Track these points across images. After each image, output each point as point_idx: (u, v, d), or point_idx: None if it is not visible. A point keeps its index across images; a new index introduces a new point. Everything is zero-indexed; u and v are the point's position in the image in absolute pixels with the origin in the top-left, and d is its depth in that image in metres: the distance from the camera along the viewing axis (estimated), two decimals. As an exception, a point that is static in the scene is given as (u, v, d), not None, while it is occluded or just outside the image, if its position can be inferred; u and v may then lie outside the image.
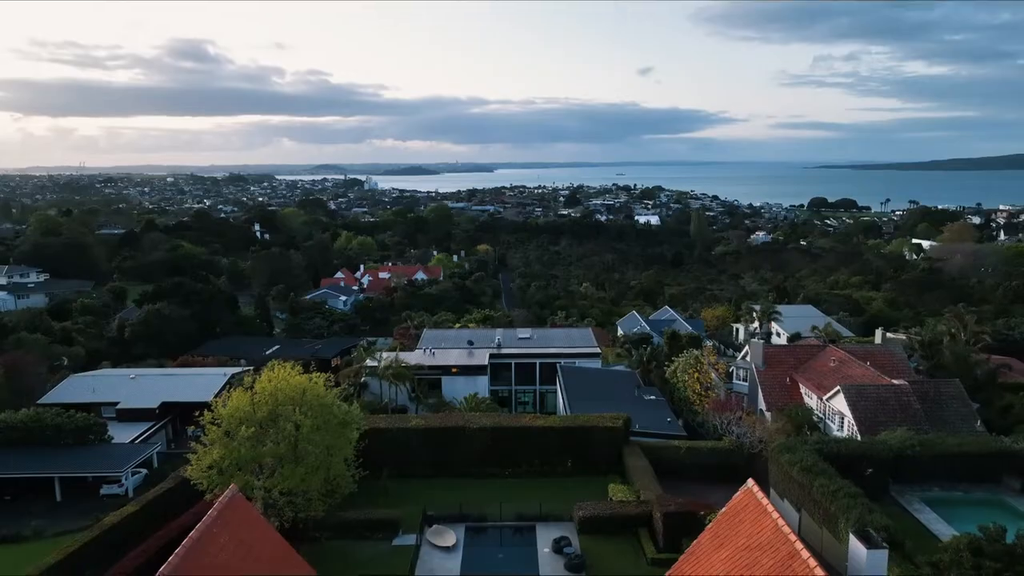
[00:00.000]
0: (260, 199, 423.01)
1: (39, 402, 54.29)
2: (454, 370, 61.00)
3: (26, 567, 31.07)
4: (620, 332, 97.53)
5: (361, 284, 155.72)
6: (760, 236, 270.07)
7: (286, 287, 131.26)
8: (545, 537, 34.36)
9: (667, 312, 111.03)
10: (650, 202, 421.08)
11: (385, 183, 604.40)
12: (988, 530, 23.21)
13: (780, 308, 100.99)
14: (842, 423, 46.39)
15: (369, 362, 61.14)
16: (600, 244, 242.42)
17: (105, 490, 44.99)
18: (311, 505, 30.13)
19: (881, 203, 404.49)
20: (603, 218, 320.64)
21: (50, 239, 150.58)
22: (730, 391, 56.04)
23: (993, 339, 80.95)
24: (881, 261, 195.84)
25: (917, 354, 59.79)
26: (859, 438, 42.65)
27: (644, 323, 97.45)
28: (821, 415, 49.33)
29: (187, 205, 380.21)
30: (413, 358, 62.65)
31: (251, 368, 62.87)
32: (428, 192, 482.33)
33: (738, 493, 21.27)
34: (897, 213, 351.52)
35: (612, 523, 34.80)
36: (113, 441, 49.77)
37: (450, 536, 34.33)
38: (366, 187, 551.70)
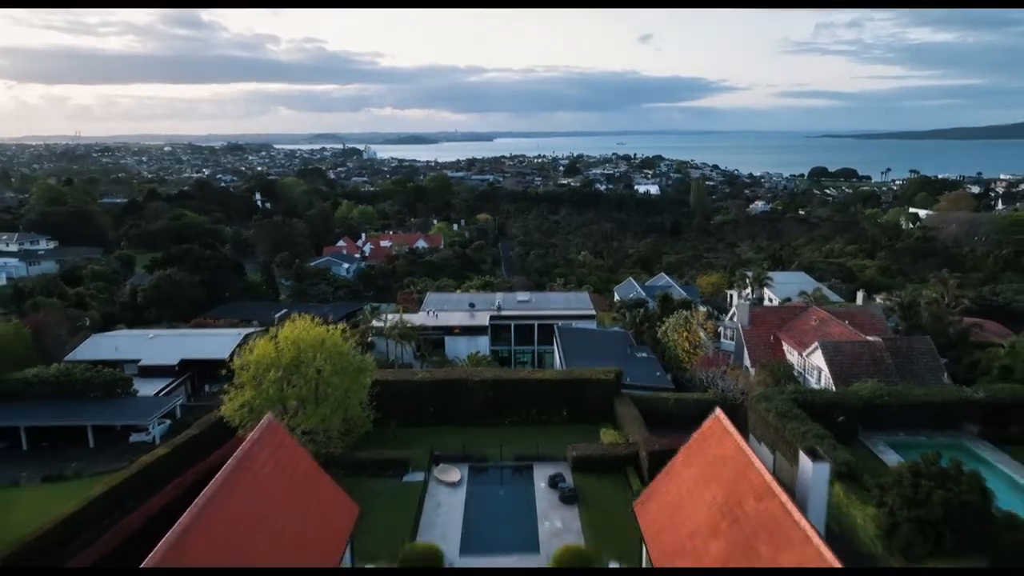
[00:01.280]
0: (259, 168, 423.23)
1: (65, 359, 57.55)
2: (456, 330, 64.19)
3: (69, 502, 34.44)
4: (617, 298, 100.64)
5: (363, 252, 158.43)
6: (759, 206, 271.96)
7: (290, 255, 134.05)
8: (541, 474, 37.77)
9: (663, 279, 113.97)
10: (650, 171, 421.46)
11: (384, 152, 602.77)
12: (926, 456, 26.49)
13: (773, 274, 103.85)
14: (819, 377, 49.68)
15: (375, 323, 64.22)
16: (599, 213, 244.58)
17: (134, 438, 48.42)
18: (331, 443, 33.39)
19: (882, 172, 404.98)
20: (602, 188, 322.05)
21: (56, 208, 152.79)
22: (717, 349, 59.27)
23: (976, 304, 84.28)
24: (877, 230, 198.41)
25: (896, 315, 62.89)
26: (834, 390, 45.96)
27: (640, 289, 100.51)
28: (801, 370, 52.62)
29: (186, 175, 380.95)
30: (417, 319, 65.78)
31: (264, 328, 66.12)
32: (427, 161, 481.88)
33: (707, 420, 24.48)
34: (897, 183, 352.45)
35: (603, 462, 38.19)
36: (138, 395, 53.13)
37: (455, 473, 37.75)
38: (364, 156, 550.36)
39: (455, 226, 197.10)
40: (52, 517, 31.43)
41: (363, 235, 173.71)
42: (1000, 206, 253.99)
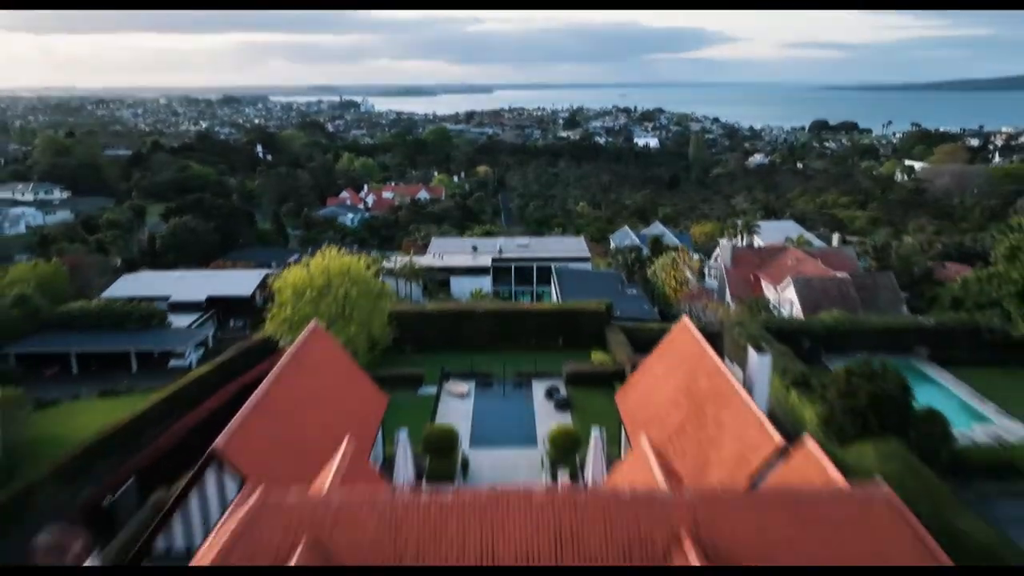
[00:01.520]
0: (256, 121, 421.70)
1: (100, 296, 62.62)
2: (461, 271, 69.19)
3: (124, 412, 39.74)
4: (613, 245, 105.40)
5: (365, 203, 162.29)
6: (758, 159, 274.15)
7: (296, 205, 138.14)
8: (539, 387, 43.22)
9: (657, 227, 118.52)
10: (650, 124, 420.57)
11: (381, 105, 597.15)
12: (859, 361, 31.79)
13: (763, 223, 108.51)
14: (791, 309, 54.87)
15: (385, 264, 69.10)
16: (598, 166, 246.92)
17: (173, 363, 53.80)
18: (357, 357, 38.52)
19: (883, 126, 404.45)
20: (602, 140, 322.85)
21: (64, 159, 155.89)
22: (702, 287, 64.36)
23: (956, 250, 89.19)
24: (870, 182, 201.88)
25: (869, 256, 67.87)
26: (802, 319, 51.20)
27: (635, 237, 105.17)
28: (776, 304, 57.78)
29: (184, 127, 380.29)
30: (423, 261, 70.69)
31: (281, 269, 71.10)
32: (425, 114, 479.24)
33: (676, 325, 29.54)
34: (898, 135, 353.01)
35: (593, 377, 43.56)
36: (172, 327, 58.37)
37: (464, 386, 43.18)
38: (362, 109, 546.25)
39: (455, 178, 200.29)
40: (123, 416, 36.88)
41: (365, 187, 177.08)
42: (998, 159, 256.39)
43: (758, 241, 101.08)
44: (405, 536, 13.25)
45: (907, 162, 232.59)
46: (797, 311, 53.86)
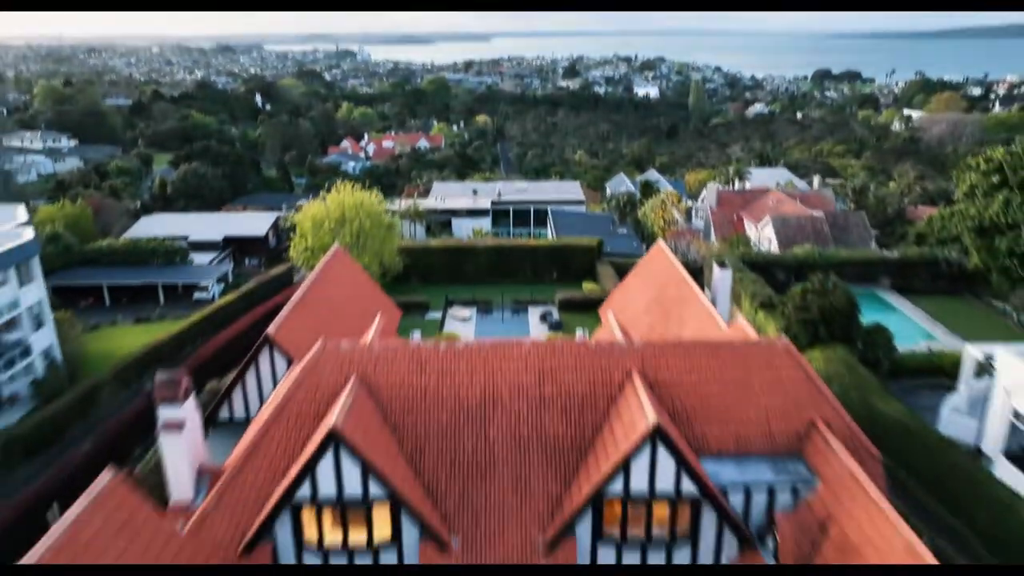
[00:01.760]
0: (252, 71, 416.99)
1: (124, 236, 66.69)
2: (461, 212, 73.10)
3: (160, 334, 44.25)
4: (608, 192, 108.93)
5: (366, 152, 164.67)
6: (758, 108, 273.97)
7: (298, 154, 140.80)
8: (535, 313, 47.80)
9: (652, 175, 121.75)
10: (650, 73, 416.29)
11: (378, 54, 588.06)
12: (812, 279, 36.27)
13: (755, 170, 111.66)
14: (769, 245, 59.11)
15: (389, 206, 72.94)
16: (597, 116, 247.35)
17: (197, 295, 58.24)
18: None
19: (887, 75, 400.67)
20: (601, 90, 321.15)
21: (67, 108, 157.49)
22: (689, 227, 68.44)
23: (938, 195, 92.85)
24: (866, 131, 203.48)
25: (849, 198, 71.75)
26: (777, 252, 55.50)
27: (630, 184, 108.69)
28: (756, 241, 62.01)
29: (179, 77, 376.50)
30: (426, 204, 74.50)
31: (292, 211, 75.08)
32: (423, 64, 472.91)
33: (652, 248, 33.81)
34: (900, 84, 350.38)
35: (584, 304, 48.01)
36: (193, 263, 62.67)
37: (466, 312, 47.76)
38: (359, 58, 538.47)
39: (454, 128, 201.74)
40: (164, 334, 41.52)
41: (365, 136, 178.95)
42: (998, 108, 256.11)
43: (748, 186, 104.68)
44: (427, 373, 17.87)
45: (905, 111, 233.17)
46: (774, 247, 58.13)
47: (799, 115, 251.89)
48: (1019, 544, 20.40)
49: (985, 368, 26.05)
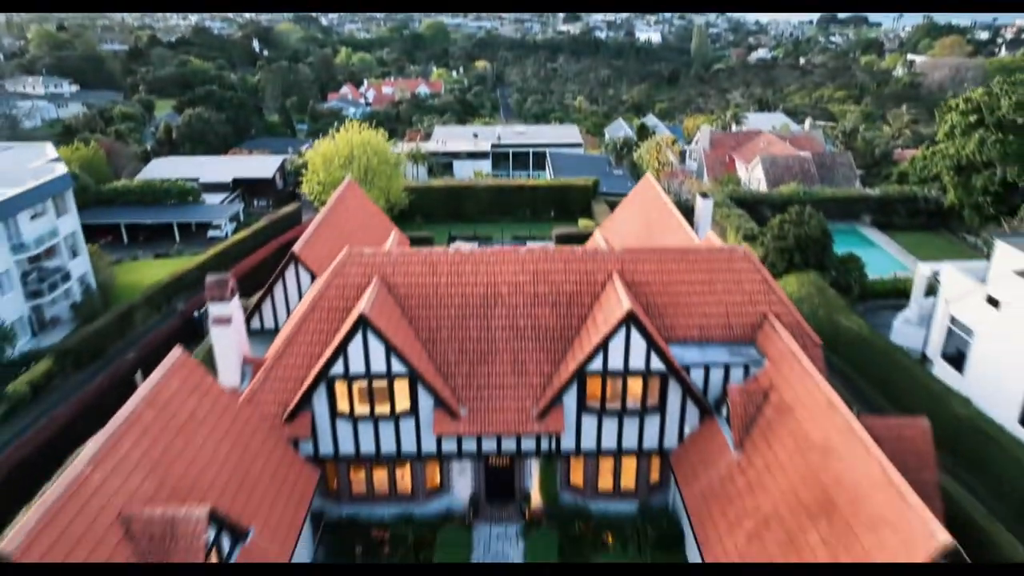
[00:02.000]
0: (246, 14, 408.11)
1: (136, 178, 68.90)
2: (462, 154, 75.20)
3: (179, 267, 47.13)
4: (607, 138, 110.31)
5: (366, 98, 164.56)
6: (760, 54, 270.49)
7: (299, 100, 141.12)
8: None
9: (651, 120, 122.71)
10: (653, 17, 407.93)
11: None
12: (790, 210, 38.94)
13: (752, 115, 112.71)
14: (759, 184, 61.55)
15: (392, 149, 74.93)
16: (598, 61, 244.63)
17: (211, 233, 60.96)
18: (378, 216, 45.72)
19: (894, 19, 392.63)
20: (603, 35, 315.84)
21: (66, 53, 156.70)
22: (683, 168, 70.67)
23: (932, 138, 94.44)
24: (867, 76, 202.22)
25: (839, 140, 73.71)
26: (765, 191, 58.02)
27: (628, 129, 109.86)
28: (747, 181, 64.38)
29: (173, 22, 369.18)
30: (428, 146, 76.46)
31: (298, 153, 77.05)
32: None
33: (641, 181, 36.45)
34: (907, 29, 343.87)
35: (580, 238, 50.42)
36: (206, 203, 65.17)
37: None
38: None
39: (454, 73, 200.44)
40: (186, 266, 44.50)
41: (365, 82, 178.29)
42: (1003, 52, 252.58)
43: (745, 129, 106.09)
44: (439, 274, 20.91)
45: (909, 56, 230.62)
46: (763, 186, 60.59)
47: (802, 61, 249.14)
48: (947, 428, 23.81)
49: (933, 285, 29.11)
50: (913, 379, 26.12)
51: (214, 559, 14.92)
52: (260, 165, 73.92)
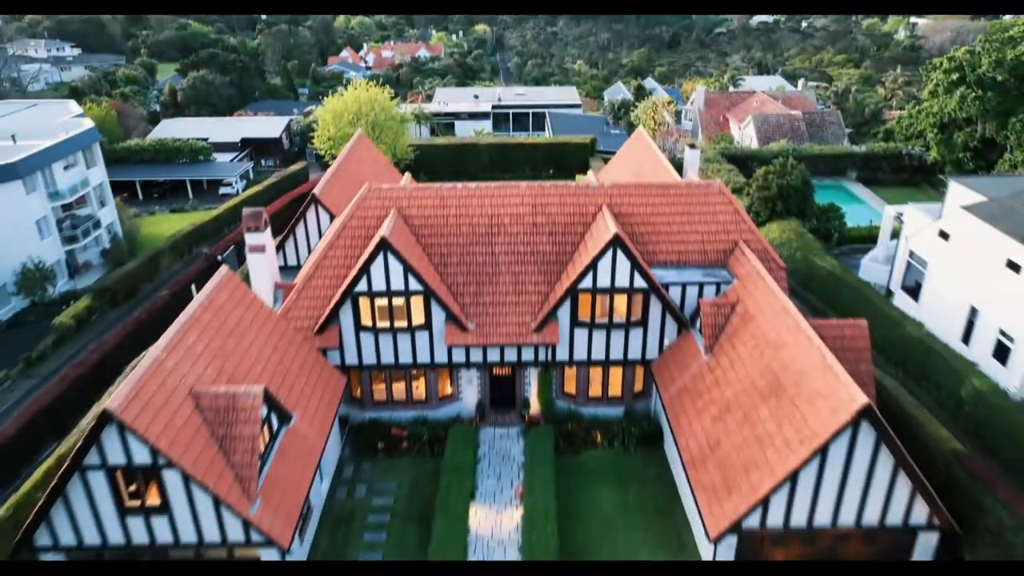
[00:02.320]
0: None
1: (148, 138, 70.97)
2: (463, 115, 77.14)
3: (196, 220, 49.64)
4: (606, 100, 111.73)
5: (366, 62, 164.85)
6: (762, 17, 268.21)
7: (299, 63, 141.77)
8: (532, 201, 53.29)
9: (650, 83, 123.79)
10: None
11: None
12: (774, 162, 41.43)
13: (749, 79, 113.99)
14: (751, 142, 63.74)
15: (395, 110, 76.81)
16: (597, 24, 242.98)
17: (222, 190, 63.31)
18: (385, 170, 48.17)
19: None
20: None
21: (66, 16, 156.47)
22: (679, 128, 72.64)
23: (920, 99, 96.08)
24: (867, 39, 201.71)
25: (831, 100, 75.58)
26: (755, 147, 60.30)
27: (627, 91, 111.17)
28: (739, 139, 66.54)
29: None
30: (430, 107, 78.28)
31: (304, 113, 78.99)
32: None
33: (633, 134, 38.87)
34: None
35: (575, 193, 53.47)
36: (216, 161, 67.40)
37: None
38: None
39: (454, 37, 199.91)
40: (203, 218, 47.09)
41: (364, 45, 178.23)
42: (1008, 16, 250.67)
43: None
44: (448, 207, 23.62)
45: (912, 19, 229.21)
46: (754, 143, 62.79)
47: (803, 24, 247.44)
48: (900, 347, 26.78)
49: (897, 229, 31.80)
50: (876, 309, 28.95)
51: (265, 435, 17.95)
52: (266, 125, 75.92)
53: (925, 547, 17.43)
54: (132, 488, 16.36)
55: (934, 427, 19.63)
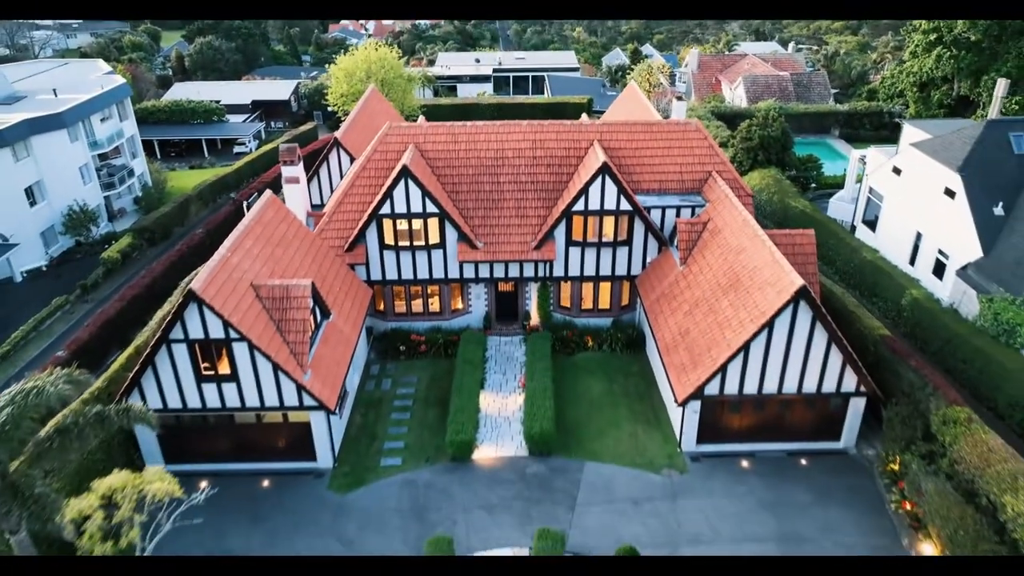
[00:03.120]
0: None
1: (164, 99, 73.74)
2: (465, 78, 79.84)
3: (216, 174, 52.79)
4: (604, 67, 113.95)
5: (367, 29, 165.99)
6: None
7: (301, 30, 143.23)
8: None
9: (648, 49, 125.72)
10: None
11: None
12: (757, 115, 44.57)
13: (745, 44, 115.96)
14: (741, 102, 66.68)
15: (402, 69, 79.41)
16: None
17: (237, 149, 66.38)
18: (394, 126, 51.36)
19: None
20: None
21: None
22: (673, 89, 75.38)
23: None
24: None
25: (820, 63, 78.22)
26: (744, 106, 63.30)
27: (625, 58, 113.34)
28: (730, 100, 69.45)
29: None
30: (433, 71, 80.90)
31: (311, 77, 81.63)
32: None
33: (626, 88, 41.97)
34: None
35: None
36: (229, 121, 70.33)
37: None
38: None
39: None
40: (222, 171, 50.34)
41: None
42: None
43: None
44: (459, 142, 27.03)
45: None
46: (744, 102, 65.76)
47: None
48: (857, 270, 30.40)
49: (860, 173, 35.19)
50: (839, 240, 32.55)
51: (311, 323, 21.61)
52: (275, 88, 78.64)
53: (855, 410, 21.24)
54: (207, 359, 20.07)
55: (869, 320, 23.35)
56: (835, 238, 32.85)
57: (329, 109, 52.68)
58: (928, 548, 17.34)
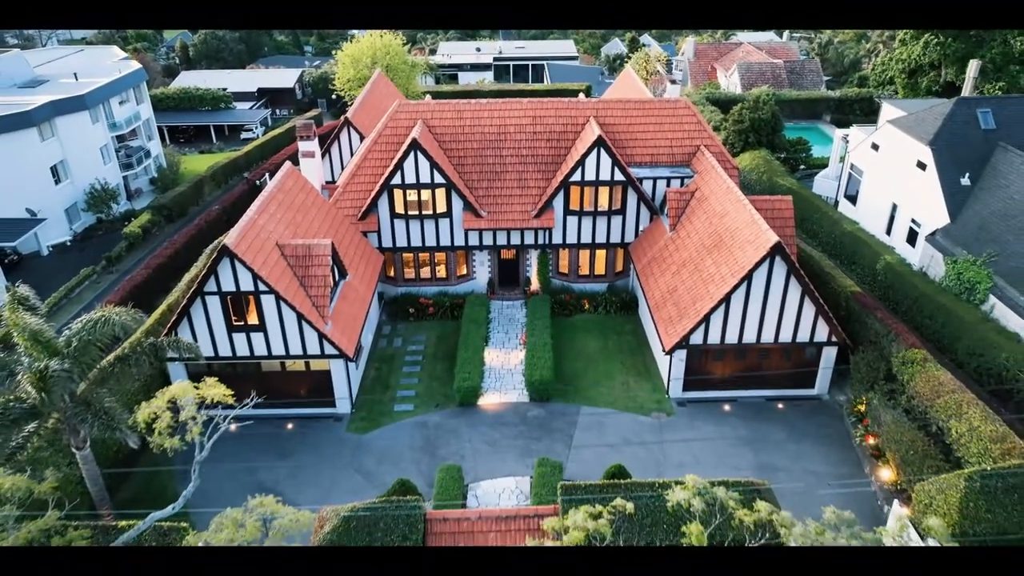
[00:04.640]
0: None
1: (172, 86, 75.46)
2: (466, 66, 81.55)
3: (221, 159, 54.62)
4: (603, 54, 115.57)
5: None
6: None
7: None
8: (531, 140, 58.46)
9: (646, 39, 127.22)
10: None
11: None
12: (748, 99, 46.41)
13: (741, 35, 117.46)
14: (735, 89, 68.47)
15: (406, 56, 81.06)
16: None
17: (244, 135, 68.23)
18: (398, 110, 53.19)
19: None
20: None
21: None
22: (670, 76, 77.12)
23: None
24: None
25: (813, 52, 79.96)
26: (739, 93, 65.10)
27: (623, 47, 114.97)
28: (726, 87, 71.25)
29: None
30: (434, 60, 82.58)
31: (316, 65, 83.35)
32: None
33: (622, 71, 43.82)
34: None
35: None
36: (236, 108, 72.10)
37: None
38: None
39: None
40: (233, 154, 52.18)
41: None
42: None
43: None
44: (464, 118, 28.96)
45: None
46: (738, 89, 67.57)
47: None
48: (837, 241, 32.39)
49: (843, 154, 37.10)
50: (822, 214, 34.54)
51: (331, 280, 23.59)
52: (280, 76, 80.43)
53: (828, 358, 23.28)
54: (237, 311, 22.07)
55: (842, 279, 25.42)
56: (819, 212, 34.82)
57: (335, 95, 54.39)
58: (886, 473, 19.42)
